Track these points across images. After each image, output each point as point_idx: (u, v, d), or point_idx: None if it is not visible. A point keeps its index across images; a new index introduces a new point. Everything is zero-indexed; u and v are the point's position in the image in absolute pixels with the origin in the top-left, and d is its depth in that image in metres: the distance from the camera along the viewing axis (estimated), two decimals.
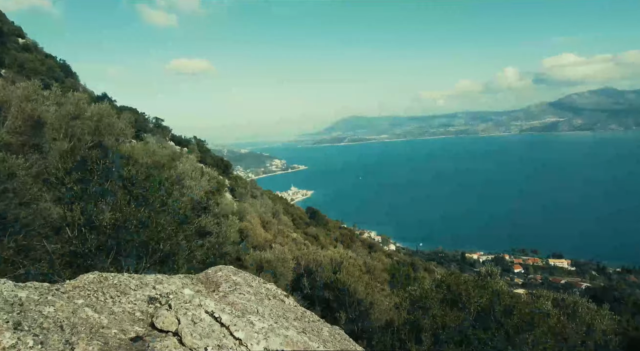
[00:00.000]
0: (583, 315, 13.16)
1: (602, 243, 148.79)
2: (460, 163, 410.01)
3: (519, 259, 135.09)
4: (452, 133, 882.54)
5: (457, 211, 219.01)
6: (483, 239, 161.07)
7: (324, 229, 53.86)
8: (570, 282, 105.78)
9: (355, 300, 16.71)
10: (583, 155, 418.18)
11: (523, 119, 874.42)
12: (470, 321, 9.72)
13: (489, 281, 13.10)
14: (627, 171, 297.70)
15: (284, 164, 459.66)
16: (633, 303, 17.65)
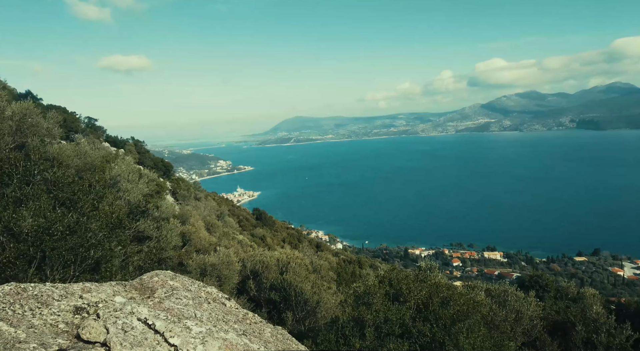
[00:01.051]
0: (512, 302, 14.15)
1: (530, 235, 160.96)
2: (402, 162, 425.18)
3: (457, 253, 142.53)
4: (394, 133, 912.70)
5: (400, 208, 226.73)
6: (425, 236, 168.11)
7: (270, 231, 53.47)
8: (503, 273, 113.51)
9: (302, 299, 16.75)
10: (512, 153, 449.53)
11: (458, 120, 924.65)
12: (411, 314, 10.10)
13: (429, 275, 13.65)
14: (550, 167, 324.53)
15: (230, 165, 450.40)
16: (555, 290, 19.28)
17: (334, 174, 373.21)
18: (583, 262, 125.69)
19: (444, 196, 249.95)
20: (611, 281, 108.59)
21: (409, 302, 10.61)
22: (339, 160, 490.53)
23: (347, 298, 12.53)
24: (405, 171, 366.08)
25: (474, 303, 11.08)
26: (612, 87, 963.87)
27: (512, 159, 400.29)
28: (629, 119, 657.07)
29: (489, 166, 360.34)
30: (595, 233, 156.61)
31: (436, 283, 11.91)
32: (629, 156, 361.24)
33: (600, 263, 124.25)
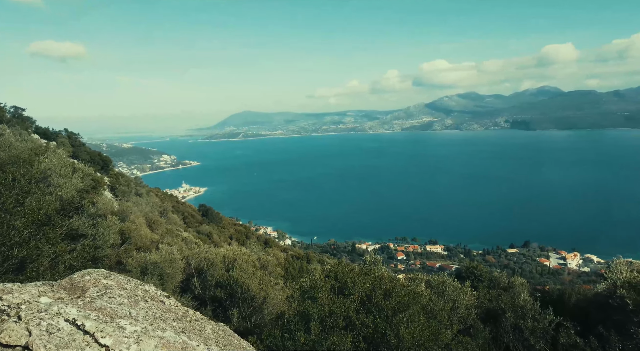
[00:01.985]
0: (450, 292, 14.94)
1: (469, 229, 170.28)
2: (351, 159, 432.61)
3: (401, 247, 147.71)
4: (343, 130, 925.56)
5: (348, 204, 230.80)
6: (372, 231, 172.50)
7: (217, 227, 52.36)
8: (443, 265, 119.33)
9: (249, 296, 16.62)
10: (453, 151, 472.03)
11: (404, 118, 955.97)
12: (355, 306, 10.36)
13: (373, 269, 14.04)
14: (487, 165, 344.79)
15: (174, 160, 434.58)
16: (489, 280, 20.59)
17: (283, 170, 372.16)
18: (515, 253, 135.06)
19: (391, 192, 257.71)
20: (538, 271, 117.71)
21: (354, 295, 10.88)
22: (288, 156, 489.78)
23: (294, 293, 12.61)
24: (353, 167, 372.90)
25: (415, 294, 11.58)
26: (542, 90, 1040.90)
27: (453, 157, 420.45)
28: (556, 120, 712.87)
29: (432, 164, 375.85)
30: (526, 226, 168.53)
31: (379, 276, 12.30)
32: (556, 155, 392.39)
33: (529, 254, 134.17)
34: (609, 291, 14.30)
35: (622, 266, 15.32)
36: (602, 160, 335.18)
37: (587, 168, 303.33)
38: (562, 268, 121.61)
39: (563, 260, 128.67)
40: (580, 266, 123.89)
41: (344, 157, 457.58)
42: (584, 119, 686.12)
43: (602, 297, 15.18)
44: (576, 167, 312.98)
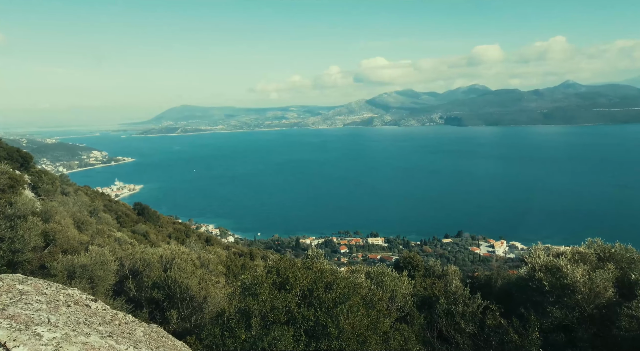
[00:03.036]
0: (388, 282, 15.50)
1: (408, 221, 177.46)
2: (295, 154, 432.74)
3: (344, 241, 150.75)
4: (286, 125, 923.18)
5: (293, 200, 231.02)
6: (315, 225, 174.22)
7: (154, 226, 50.16)
8: (384, 257, 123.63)
9: (188, 296, 16.13)
10: (393, 146, 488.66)
11: (346, 114, 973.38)
12: (297, 300, 10.43)
13: (315, 263, 14.19)
14: (424, 159, 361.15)
15: (106, 157, 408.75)
16: (424, 269, 21.64)
17: (225, 166, 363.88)
18: (449, 243, 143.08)
19: (334, 187, 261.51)
20: (470, 259, 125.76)
21: (295, 289, 10.95)
22: (230, 151, 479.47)
23: (235, 291, 12.43)
24: (297, 162, 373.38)
25: (355, 285, 11.90)
26: (472, 88, 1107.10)
27: (393, 151, 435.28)
28: (484, 116, 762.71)
29: (373, 158, 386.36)
30: (460, 216, 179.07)
31: (321, 269, 12.48)
32: (484, 149, 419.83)
33: (462, 243, 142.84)
34: (529, 275, 15.60)
35: (540, 252, 16.74)
36: (523, 155, 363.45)
37: (510, 162, 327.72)
38: (491, 255, 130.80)
39: (492, 248, 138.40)
40: (507, 252, 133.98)
41: (288, 152, 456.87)
42: (508, 116, 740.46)
43: (523, 280, 16.55)
44: (501, 161, 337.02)
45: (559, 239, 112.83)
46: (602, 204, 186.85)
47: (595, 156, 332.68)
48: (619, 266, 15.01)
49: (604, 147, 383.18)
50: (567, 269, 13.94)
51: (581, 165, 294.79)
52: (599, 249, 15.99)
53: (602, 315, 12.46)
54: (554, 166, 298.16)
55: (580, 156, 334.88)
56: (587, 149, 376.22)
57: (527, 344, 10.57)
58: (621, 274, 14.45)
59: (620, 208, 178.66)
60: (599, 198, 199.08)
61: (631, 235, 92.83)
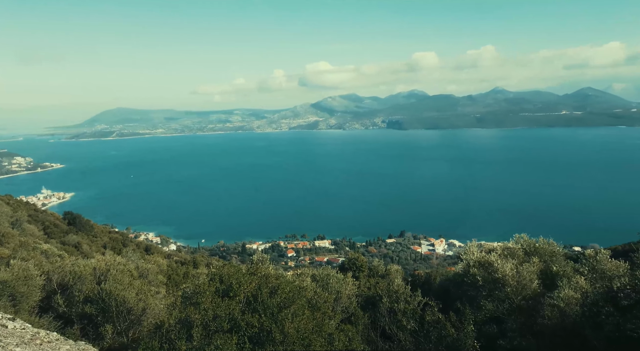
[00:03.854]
0: (333, 284, 15.68)
1: (354, 223, 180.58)
2: (240, 158, 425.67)
3: (291, 244, 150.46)
4: (230, 129, 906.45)
5: (238, 204, 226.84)
6: (262, 230, 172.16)
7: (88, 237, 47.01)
8: (331, 259, 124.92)
9: (125, 309, 15.29)
10: (338, 150, 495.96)
11: (291, 118, 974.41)
12: (241, 307, 10.26)
13: (260, 268, 14.02)
14: (368, 162, 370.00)
15: (31, 163, 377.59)
16: (369, 269, 22.15)
17: (167, 171, 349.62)
18: (393, 243, 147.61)
19: (281, 191, 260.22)
20: (412, 257, 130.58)
21: (239, 296, 10.75)
22: (172, 156, 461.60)
23: (176, 300, 11.97)
24: (244, 166, 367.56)
25: (300, 289, 11.90)
26: (412, 93, 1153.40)
27: (338, 155, 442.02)
28: (424, 121, 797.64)
29: (320, 162, 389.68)
30: (402, 217, 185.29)
31: (266, 274, 12.36)
32: (425, 152, 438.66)
33: (405, 243, 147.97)
34: (464, 271, 16.47)
35: (474, 248, 17.74)
36: (461, 157, 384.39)
37: (449, 164, 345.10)
38: (432, 253, 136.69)
39: (432, 246, 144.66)
40: (446, 250, 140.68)
41: (233, 156, 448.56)
42: (445, 120, 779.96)
43: (459, 276, 17.46)
44: (441, 162, 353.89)
45: (492, 236, 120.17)
46: (531, 202, 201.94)
47: (525, 157, 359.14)
48: (542, 260, 16.29)
49: (532, 150, 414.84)
50: (497, 264, 14.89)
51: (513, 166, 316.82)
52: (525, 245, 17.27)
53: (529, 306, 13.44)
54: (489, 167, 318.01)
55: (512, 158, 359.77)
56: (517, 151, 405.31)
57: (463, 337, 11.12)
58: (545, 266, 15.69)
59: (547, 205, 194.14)
60: (529, 196, 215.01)
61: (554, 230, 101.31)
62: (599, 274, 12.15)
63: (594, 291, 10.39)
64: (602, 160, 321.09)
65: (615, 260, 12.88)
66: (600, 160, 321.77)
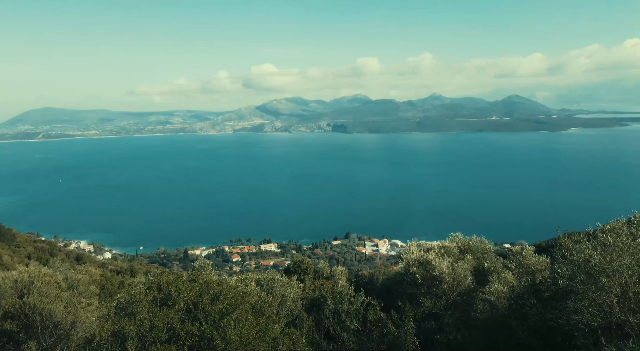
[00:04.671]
0: (278, 288, 15.57)
1: (300, 226, 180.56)
2: (183, 161, 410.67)
3: (236, 249, 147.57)
4: (171, 131, 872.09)
5: (180, 209, 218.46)
6: (206, 235, 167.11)
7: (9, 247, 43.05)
8: (277, 262, 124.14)
9: (52, 323, 14.16)
10: (285, 153, 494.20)
11: (236, 120, 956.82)
12: (180, 316, 9.87)
13: (201, 274, 13.60)
14: (315, 165, 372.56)
15: None
16: (314, 271, 22.27)
17: (101, 175, 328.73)
18: (338, 245, 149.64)
19: (226, 194, 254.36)
20: (357, 258, 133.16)
21: (179, 304, 10.36)
22: (107, 159, 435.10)
23: (109, 312, 11.28)
24: (186, 170, 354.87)
25: (243, 294, 11.70)
26: (356, 98, 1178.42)
27: (284, 157, 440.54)
28: (367, 124, 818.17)
29: (266, 165, 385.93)
30: (348, 218, 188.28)
31: (207, 281, 12.01)
32: (369, 154, 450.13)
33: (350, 244, 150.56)
34: (405, 270, 17.06)
35: (414, 248, 18.43)
36: (403, 160, 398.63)
37: (393, 166, 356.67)
38: (375, 253, 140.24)
39: (376, 247, 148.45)
40: (389, 250, 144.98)
41: (175, 159, 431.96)
42: (388, 124, 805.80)
43: (400, 275, 18.06)
44: (385, 165, 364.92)
45: (432, 235, 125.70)
46: (466, 202, 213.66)
47: (460, 160, 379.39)
48: (475, 257, 17.28)
49: (467, 153, 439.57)
50: (435, 262, 15.58)
51: (450, 168, 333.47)
52: (460, 243, 18.25)
53: (464, 301, 14.19)
54: (428, 169, 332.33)
55: (448, 161, 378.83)
56: (453, 154, 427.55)
57: (403, 335, 11.49)
58: (477, 263, 16.65)
59: (480, 204, 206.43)
60: (465, 196, 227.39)
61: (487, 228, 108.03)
62: (524, 269, 13.11)
63: (520, 285, 11.20)
64: (529, 163, 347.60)
65: (538, 255, 13.98)
66: (526, 162, 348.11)
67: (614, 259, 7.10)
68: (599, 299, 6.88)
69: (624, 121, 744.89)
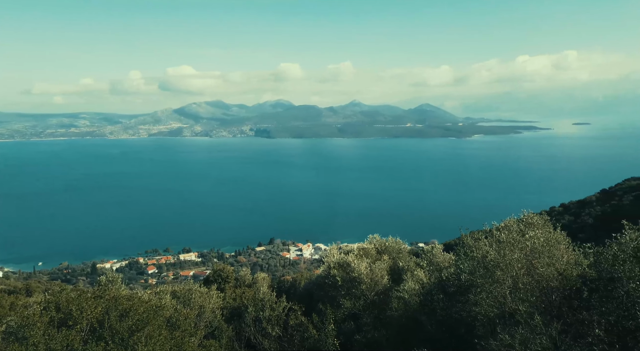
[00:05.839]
0: (196, 299, 14.93)
1: (223, 233, 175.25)
2: (92, 168, 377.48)
3: (152, 260, 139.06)
4: (76, 134, 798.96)
5: (88, 219, 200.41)
6: (118, 246, 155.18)
7: None
8: (197, 272, 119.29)
9: None
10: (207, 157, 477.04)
11: (151, 123, 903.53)
12: (83, 336, 9.00)
13: (108, 290, 12.61)
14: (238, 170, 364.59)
15: None
16: (235, 279, 21.74)
17: None
18: (262, 251, 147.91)
19: (143, 202, 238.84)
20: (282, 264, 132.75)
21: (81, 324, 9.45)
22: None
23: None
24: (95, 177, 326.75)
25: (156, 308, 11.02)
26: (279, 103, 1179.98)
27: (208, 163, 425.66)
28: (290, 129, 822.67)
29: (187, 170, 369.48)
30: (273, 224, 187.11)
31: (115, 296, 11.13)
32: (293, 159, 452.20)
33: (274, 250, 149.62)
34: (326, 272, 17.36)
35: (335, 251, 18.83)
36: (327, 164, 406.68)
37: (317, 171, 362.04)
38: (300, 258, 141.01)
39: (300, 251, 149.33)
40: (313, 254, 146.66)
41: (80, 165, 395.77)
42: (310, 130, 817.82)
43: (321, 278, 18.33)
44: (309, 170, 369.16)
45: (353, 238, 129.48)
46: (385, 204, 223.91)
47: (379, 164, 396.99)
48: (391, 257, 18.14)
49: (385, 157, 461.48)
50: (354, 264, 16.06)
51: (370, 172, 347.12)
52: (378, 244, 19.03)
53: (381, 300, 14.79)
54: (349, 173, 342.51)
55: (369, 165, 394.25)
56: (373, 159, 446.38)
57: (324, 337, 11.66)
58: (393, 263, 17.48)
59: (398, 206, 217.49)
60: (384, 199, 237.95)
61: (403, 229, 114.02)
62: (434, 267, 14.04)
63: (430, 282, 11.98)
64: (440, 167, 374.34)
65: (446, 253, 15.07)
66: (438, 167, 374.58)
67: (506, 254, 7.94)
68: (494, 291, 7.64)
69: (517, 129, 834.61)
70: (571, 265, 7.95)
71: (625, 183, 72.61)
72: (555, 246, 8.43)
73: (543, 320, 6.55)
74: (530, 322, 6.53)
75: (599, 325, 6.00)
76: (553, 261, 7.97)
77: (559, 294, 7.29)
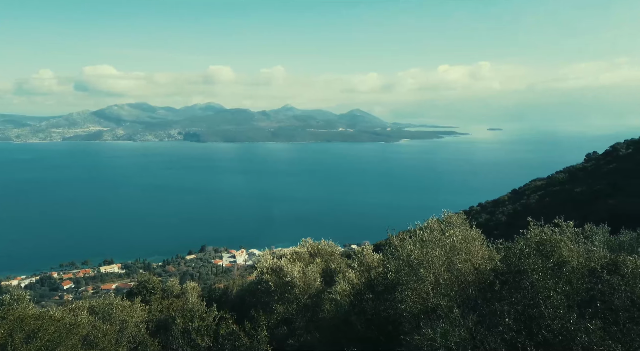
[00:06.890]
0: (117, 313, 13.94)
1: (149, 242, 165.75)
2: None
3: (69, 274, 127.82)
4: None
5: None
6: (25, 261, 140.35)
7: None
8: (121, 285, 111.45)
9: None
10: (130, 163, 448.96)
11: (66, 126, 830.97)
12: None
13: (13, 309, 11.39)
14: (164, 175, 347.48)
15: None
16: (162, 290, 20.65)
17: None
18: (193, 259, 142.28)
19: (55, 211, 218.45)
20: (214, 271, 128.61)
21: None
22: None
23: None
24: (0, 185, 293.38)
25: (70, 326, 10.13)
26: (209, 106, 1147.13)
27: (130, 168, 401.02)
28: (222, 133, 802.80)
29: (110, 176, 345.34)
30: (203, 231, 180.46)
31: (21, 316, 10.05)
32: (225, 164, 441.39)
33: (206, 258, 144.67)
34: (259, 278, 17.13)
35: (268, 256, 18.63)
36: (260, 169, 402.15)
37: (250, 175, 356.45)
38: (233, 265, 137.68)
39: (233, 258, 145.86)
40: (247, 260, 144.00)
41: None
42: (243, 134, 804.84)
43: (254, 284, 18.06)
44: (239, 174, 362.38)
45: (287, 242, 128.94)
46: (319, 207, 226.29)
47: (313, 168, 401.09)
48: (324, 259, 18.36)
49: (318, 161, 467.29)
50: (287, 268, 16.02)
51: (304, 176, 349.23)
52: (310, 247, 19.17)
53: (314, 303, 14.89)
54: (286, 177, 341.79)
55: (303, 169, 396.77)
56: (308, 163, 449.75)
57: (256, 344, 11.47)
58: (326, 265, 17.70)
59: (332, 209, 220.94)
60: (318, 202, 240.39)
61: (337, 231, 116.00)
62: (364, 267, 14.45)
63: (360, 282, 12.30)
64: (370, 170, 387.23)
65: (376, 254, 15.57)
66: (368, 170, 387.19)
67: (428, 252, 8.43)
68: (418, 288, 8.07)
69: (439, 133, 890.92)
70: (485, 260, 8.64)
71: (532, 183, 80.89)
72: (471, 243, 9.10)
73: (461, 312, 7.02)
74: (450, 315, 6.96)
75: (509, 315, 6.56)
76: (470, 257, 8.60)
77: (475, 287, 7.88)
